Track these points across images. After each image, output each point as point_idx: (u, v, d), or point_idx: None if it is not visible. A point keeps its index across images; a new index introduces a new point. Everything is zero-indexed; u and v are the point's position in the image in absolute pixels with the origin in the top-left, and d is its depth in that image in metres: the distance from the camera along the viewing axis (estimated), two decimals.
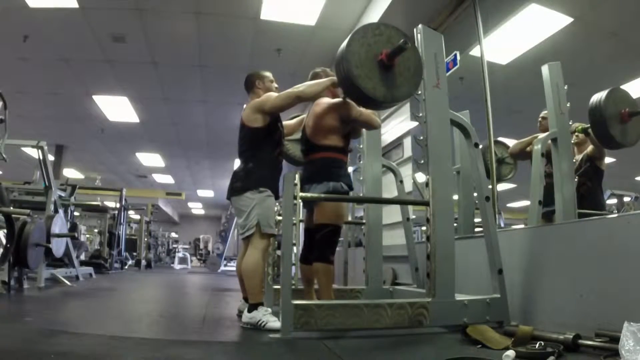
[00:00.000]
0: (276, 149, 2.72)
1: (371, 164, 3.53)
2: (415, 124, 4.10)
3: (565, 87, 2.92)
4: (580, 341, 1.82)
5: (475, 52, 4.13)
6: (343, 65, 2.22)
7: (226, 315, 3.08)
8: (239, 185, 2.61)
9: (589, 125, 3.01)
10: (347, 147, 2.80)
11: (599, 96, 2.75)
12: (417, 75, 2.35)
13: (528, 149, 3.38)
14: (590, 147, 3.38)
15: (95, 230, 10.16)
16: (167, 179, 14.68)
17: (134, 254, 11.26)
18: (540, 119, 3.46)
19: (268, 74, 2.86)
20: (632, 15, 4.16)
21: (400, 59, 2.27)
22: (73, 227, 6.06)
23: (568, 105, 2.91)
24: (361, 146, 3.60)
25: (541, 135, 3.04)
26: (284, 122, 2.91)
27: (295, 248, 2.32)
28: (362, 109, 2.72)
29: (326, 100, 2.74)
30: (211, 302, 4.07)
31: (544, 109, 3.16)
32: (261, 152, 2.64)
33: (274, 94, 2.67)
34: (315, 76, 2.79)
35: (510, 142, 3.93)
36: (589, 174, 3.36)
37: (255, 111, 2.65)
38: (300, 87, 2.61)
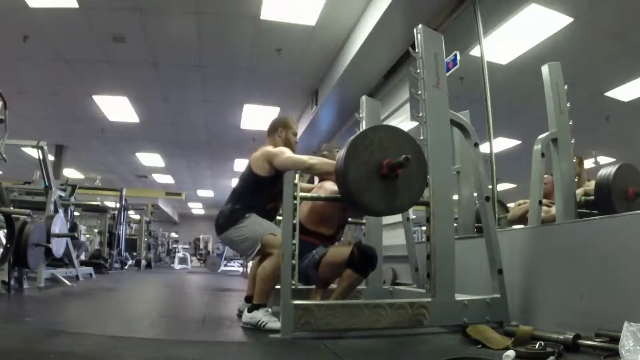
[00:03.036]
0: (270, 202, 2.70)
1: None
2: (415, 124, 4.10)
3: (565, 87, 2.92)
4: (580, 341, 1.83)
5: (475, 52, 4.12)
6: (342, 179, 2.20)
7: (226, 315, 3.08)
8: (223, 222, 2.65)
9: (591, 196, 2.95)
10: (336, 236, 2.79)
11: (607, 171, 2.71)
12: (420, 184, 2.30)
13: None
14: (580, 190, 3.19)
15: (95, 230, 10.15)
16: (167, 179, 14.67)
17: (134, 254, 11.25)
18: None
19: (294, 125, 2.90)
20: (632, 15, 4.15)
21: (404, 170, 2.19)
22: (73, 227, 6.06)
23: (568, 105, 2.91)
24: None
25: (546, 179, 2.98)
26: (302, 185, 2.84)
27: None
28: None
29: (330, 186, 2.73)
30: (211, 302, 4.08)
31: (544, 109, 3.15)
32: (253, 199, 2.64)
33: (287, 153, 2.65)
34: (322, 155, 2.83)
35: (508, 143, 3.92)
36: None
37: (264, 160, 2.66)
38: (313, 160, 2.62)
